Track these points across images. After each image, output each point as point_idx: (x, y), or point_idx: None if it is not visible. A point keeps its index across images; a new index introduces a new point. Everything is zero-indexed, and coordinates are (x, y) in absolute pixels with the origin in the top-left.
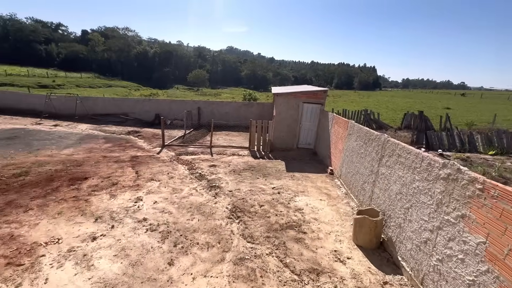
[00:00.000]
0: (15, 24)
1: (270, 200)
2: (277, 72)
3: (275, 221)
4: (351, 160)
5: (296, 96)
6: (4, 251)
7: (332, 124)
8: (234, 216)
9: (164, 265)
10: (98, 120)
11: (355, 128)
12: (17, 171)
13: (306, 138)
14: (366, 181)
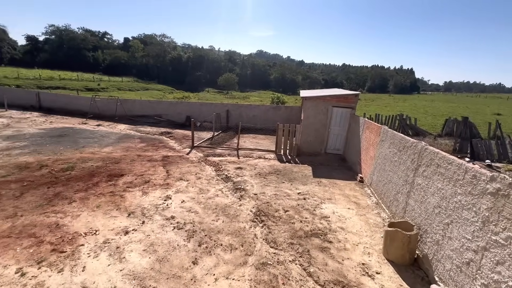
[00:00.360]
0: (69, 34)
1: (295, 206)
2: (306, 75)
3: (300, 228)
4: (383, 168)
5: (325, 99)
6: (50, 238)
7: (363, 130)
8: (258, 219)
9: (189, 264)
10: (135, 121)
11: (388, 134)
12: (65, 166)
13: (335, 143)
14: (400, 192)
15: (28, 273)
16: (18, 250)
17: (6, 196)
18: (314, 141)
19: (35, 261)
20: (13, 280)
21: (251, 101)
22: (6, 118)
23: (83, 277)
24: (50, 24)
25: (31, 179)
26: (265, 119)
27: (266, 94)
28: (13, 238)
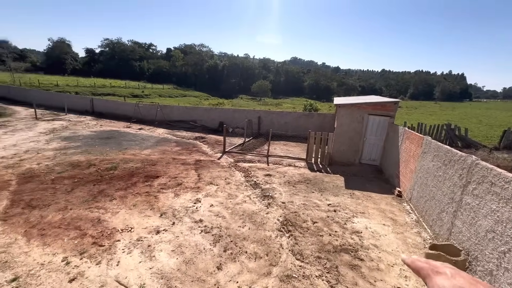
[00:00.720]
0: (120, 46)
1: (324, 218)
2: (342, 82)
3: (328, 242)
4: (425, 183)
5: (361, 107)
6: (92, 231)
7: (403, 140)
8: (285, 229)
9: (213, 268)
10: (172, 126)
11: (431, 146)
12: (109, 165)
13: (370, 154)
14: (445, 210)
15: (72, 262)
16: (66, 240)
17: (60, 191)
18: (347, 151)
19: (78, 252)
20: (59, 267)
21: (283, 108)
22: (65, 121)
23: (117, 271)
24: (105, 38)
25: (81, 176)
26: (297, 126)
27: (299, 101)
28: (62, 229)
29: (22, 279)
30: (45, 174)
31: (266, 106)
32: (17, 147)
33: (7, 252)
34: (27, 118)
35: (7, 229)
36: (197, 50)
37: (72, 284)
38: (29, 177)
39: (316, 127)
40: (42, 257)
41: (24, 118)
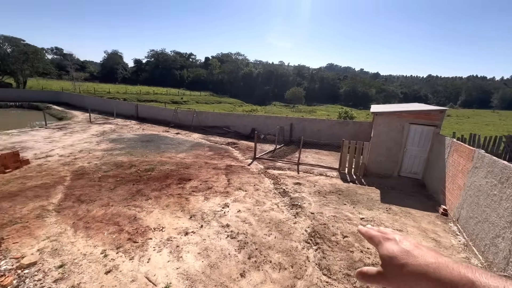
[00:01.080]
0: (164, 56)
1: (356, 232)
2: (381, 89)
3: (359, 259)
4: (476, 202)
5: (401, 116)
6: (128, 228)
7: (450, 152)
8: (313, 241)
9: (236, 275)
10: (207, 131)
11: (485, 160)
12: (147, 167)
13: (411, 166)
14: (500, 235)
15: (109, 255)
16: (105, 234)
17: (105, 188)
18: (385, 162)
19: (115, 246)
20: (98, 259)
21: (317, 115)
22: (113, 124)
23: (147, 268)
24: (151, 49)
25: (123, 176)
26: (330, 134)
27: (334, 108)
28: (103, 223)
29: (67, 266)
30: (94, 172)
31: (299, 113)
32: (73, 146)
33: (58, 240)
34: (83, 121)
35: (59, 220)
36: (233, 59)
37: (107, 276)
38: (80, 174)
39: (351, 135)
40: (85, 248)
41: (81, 121)
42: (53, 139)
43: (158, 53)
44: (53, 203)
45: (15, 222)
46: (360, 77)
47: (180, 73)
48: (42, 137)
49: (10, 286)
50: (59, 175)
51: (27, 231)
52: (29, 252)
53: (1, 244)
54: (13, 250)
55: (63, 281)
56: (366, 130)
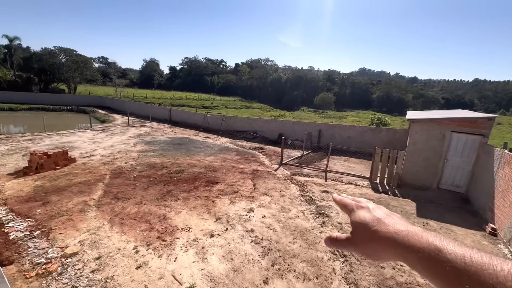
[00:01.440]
0: (196, 63)
1: None
2: (419, 94)
3: (391, 276)
4: None
5: (441, 123)
6: (158, 226)
7: (501, 165)
8: (340, 253)
9: (259, 281)
10: (235, 135)
11: None
12: (178, 168)
13: (453, 178)
14: None
15: (140, 251)
16: (137, 231)
17: (139, 187)
18: (422, 172)
19: (145, 243)
20: (130, 254)
21: (347, 122)
22: (148, 128)
23: (174, 267)
24: (185, 57)
25: (155, 176)
26: (361, 141)
27: (365, 114)
28: (136, 220)
29: (103, 259)
30: (129, 172)
31: (328, 119)
32: (113, 147)
33: (96, 234)
34: (122, 124)
35: (98, 215)
36: (262, 64)
37: (138, 271)
38: (118, 173)
39: (384, 143)
40: (119, 242)
41: (120, 124)
42: (96, 140)
43: (191, 60)
44: (94, 199)
45: (62, 214)
46: (395, 82)
47: (211, 79)
48: (87, 138)
49: (55, 273)
50: (100, 174)
51: (71, 223)
52: (71, 242)
53: (49, 234)
54: (59, 240)
55: (99, 272)
56: (401, 138)
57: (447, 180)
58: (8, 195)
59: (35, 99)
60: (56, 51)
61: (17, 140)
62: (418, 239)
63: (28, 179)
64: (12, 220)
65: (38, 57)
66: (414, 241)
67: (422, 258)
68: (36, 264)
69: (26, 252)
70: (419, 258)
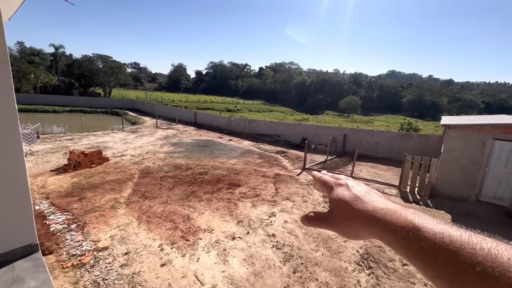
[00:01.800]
0: (221, 68)
1: None
2: (455, 97)
3: None
4: None
5: (482, 129)
6: (182, 226)
7: None
8: (365, 264)
9: None
10: (257, 139)
11: None
12: (202, 170)
13: (495, 190)
14: None
15: (165, 249)
16: (163, 230)
17: (165, 187)
18: (458, 182)
19: (170, 242)
20: (155, 251)
21: (374, 126)
22: (175, 130)
23: (196, 267)
24: (211, 61)
25: (180, 177)
26: (390, 147)
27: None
28: (162, 219)
29: (131, 254)
30: (156, 172)
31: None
32: (142, 148)
33: (125, 230)
34: (151, 126)
35: (128, 212)
36: (286, 68)
37: (162, 268)
38: (146, 173)
39: (414, 150)
40: (145, 240)
41: (149, 126)
42: (127, 141)
43: (217, 65)
44: (123, 197)
45: (95, 210)
46: (428, 84)
47: (235, 83)
48: (119, 139)
49: (88, 265)
50: (129, 173)
51: (103, 218)
52: (103, 237)
53: (84, 228)
54: (92, 234)
55: (127, 267)
56: (434, 145)
57: (488, 192)
58: (50, 190)
59: (75, 102)
60: (94, 57)
61: (59, 139)
62: (396, 217)
63: (67, 176)
64: (53, 213)
65: (79, 64)
66: (391, 220)
67: (399, 236)
68: (72, 255)
69: (64, 244)
70: (396, 237)
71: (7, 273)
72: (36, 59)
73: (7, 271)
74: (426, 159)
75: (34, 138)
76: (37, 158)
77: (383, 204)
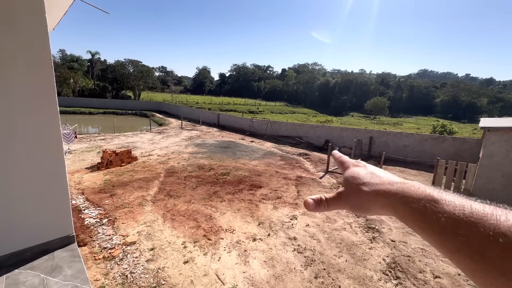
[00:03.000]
0: (244, 70)
1: (453, 275)
2: (496, 98)
3: None
4: None
5: None
6: (204, 225)
7: None
8: (392, 274)
9: None
10: (279, 140)
11: None
12: (224, 171)
13: None
14: None
15: (188, 247)
16: (186, 228)
17: (188, 187)
18: (499, 191)
19: (192, 240)
20: (179, 249)
21: (403, 128)
22: (199, 131)
23: (217, 266)
24: (234, 64)
25: (203, 177)
26: (421, 151)
27: (426, 120)
28: (185, 218)
29: (156, 250)
30: (181, 171)
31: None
32: (168, 148)
33: (151, 227)
34: (176, 127)
35: (153, 209)
36: (309, 69)
37: (185, 265)
38: (171, 172)
39: (448, 154)
40: (170, 237)
41: (175, 127)
42: (154, 141)
43: (240, 67)
44: (150, 195)
45: (125, 206)
46: (464, 84)
47: (257, 85)
48: (147, 139)
49: (117, 258)
50: (156, 172)
51: (131, 215)
52: (131, 232)
53: (114, 222)
54: (121, 229)
55: (153, 262)
56: (472, 149)
57: None
58: (85, 186)
59: (108, 104)
60: (126, 62)
61: (93, 139)
62: (413, 190)
63: (100, 173)
64: (87, 207)
65: (112, 68)
66: (408, 191)
67: (415, 209)
68: (103, 248)
69: (96, 237)
70: (412, 209)
71: (48, 261)
72: (75, 65)
73: (48, 259)
74: (462, 164)
75: (72, 137)
76: (74, 156)
77: (400, 179)
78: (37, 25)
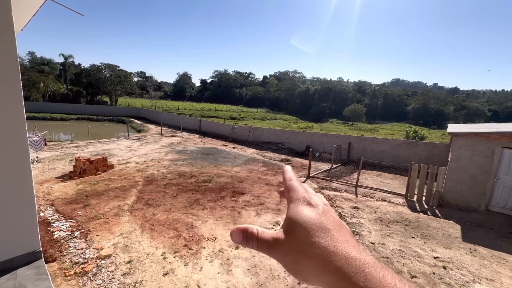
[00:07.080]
0: (225, 76)
1: (428, 274)
2: (461, 105)
3: None
4: None
5: (490, 137)
6: (185, 234)
7: None
8: None
9: None
10: (261, 147)
11: None
12: (206, 178)
13: (506, 200)
14: None
15: (168, 258)
16: (166, 238)
17: (168, 195)
18: (467, 192)
19: (173, 250)
20: (158, 260)
21: (379, 134)
22: (179, 138)
23: (199, 276)
24: (215, 70)
25: (184, 185)
26: (395, 155)
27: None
28: (165, 227)
29: (133, 263)
30: (161, 179)
31: (359, 131)
32: (147, 155)
33: (128, 238)
34: (155, 134)
35: (131, 220)
36: (290, 76)
37: (165, 278)
38: (150, 180)
39: (421, 158)
40: (148, 248)
41: (154, 134)
42: (132, 148)
43: (221, 73)
44: (127, 204)
45: (99, 217)
46: (433, 92)
47: (239, 91)
48: (124, 146)
49: (91, 273)
50: (134, 180)
51: (107, 226)
52: (106, 245)
53: (87, 235)
54: (95, 242)
55: (129, 276)
56: (441, 153)
57: (499, 201)
58: (55, 196)
59: (82, 110)
60: (102, 67)
61: (65, 146)
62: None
63: (72, 183)
64: (57, 220)
65: (87, 73)
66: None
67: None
68: (75, 263)
69: (67, 251)
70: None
71: (9, 280)
72: (46, 68)
73: (10, 278)
74: (433, 167)
75: (42, 145)
76: (43, 165)
77: (357, 251)
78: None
